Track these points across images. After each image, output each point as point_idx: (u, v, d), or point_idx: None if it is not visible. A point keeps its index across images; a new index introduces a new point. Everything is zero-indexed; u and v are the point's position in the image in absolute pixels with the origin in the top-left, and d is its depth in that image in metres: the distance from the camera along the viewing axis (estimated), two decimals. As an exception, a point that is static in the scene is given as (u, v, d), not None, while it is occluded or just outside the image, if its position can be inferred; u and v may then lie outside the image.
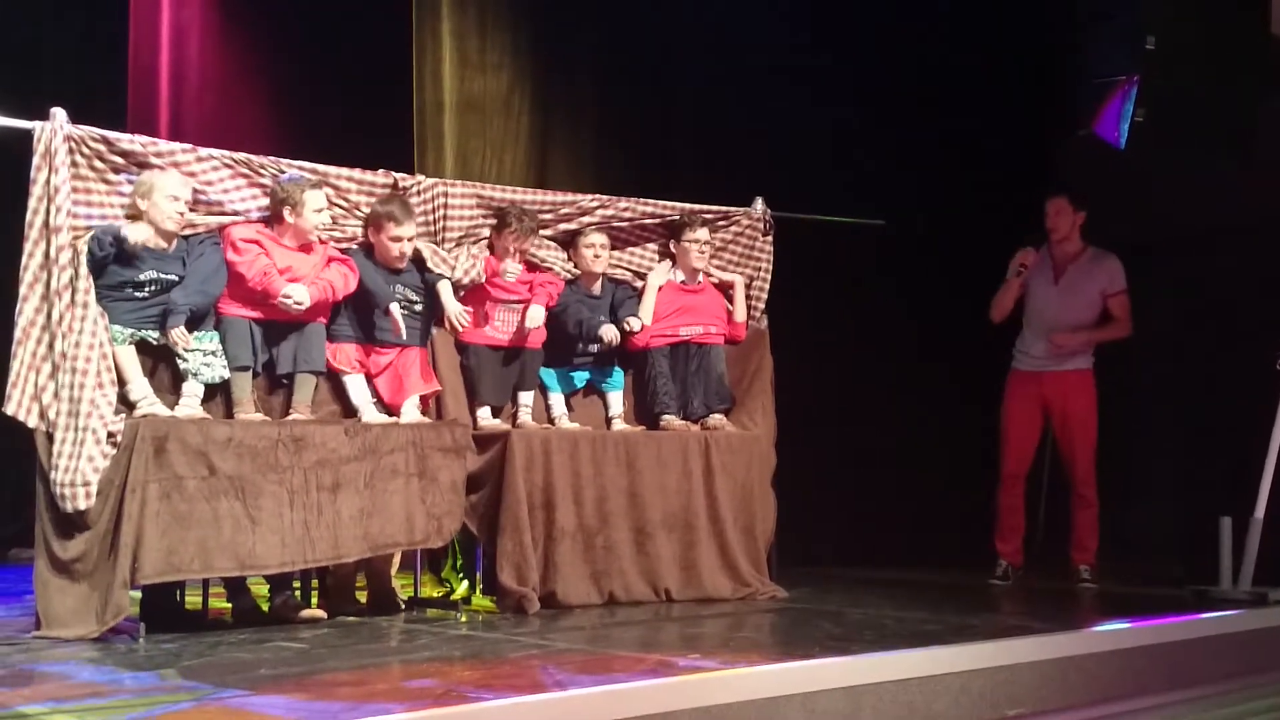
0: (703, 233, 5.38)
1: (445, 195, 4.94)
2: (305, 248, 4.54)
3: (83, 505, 3.96)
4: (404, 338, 4.67)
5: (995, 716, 3.57)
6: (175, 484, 3.98)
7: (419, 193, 4.88)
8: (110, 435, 4.02)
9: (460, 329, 4.85)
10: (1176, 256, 6.20)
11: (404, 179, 4.87)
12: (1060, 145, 6.85)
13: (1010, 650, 3.71)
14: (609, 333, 5.12)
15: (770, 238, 5.64)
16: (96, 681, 3.20)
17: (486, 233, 5.02)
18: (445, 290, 4.81)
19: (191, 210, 4.37)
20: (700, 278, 5.45)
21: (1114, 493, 5.95)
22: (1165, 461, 6.47)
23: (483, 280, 4.94)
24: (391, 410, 4.68)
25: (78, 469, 3.96)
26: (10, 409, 4.05)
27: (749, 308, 5.58)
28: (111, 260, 4.17)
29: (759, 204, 5.64)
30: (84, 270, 4.13)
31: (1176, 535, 6.07)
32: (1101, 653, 3.93)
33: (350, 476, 4.30)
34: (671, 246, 5.43)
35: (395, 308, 4.63)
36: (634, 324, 5.20)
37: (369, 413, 4.61)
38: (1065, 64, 6.86)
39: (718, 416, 5.31)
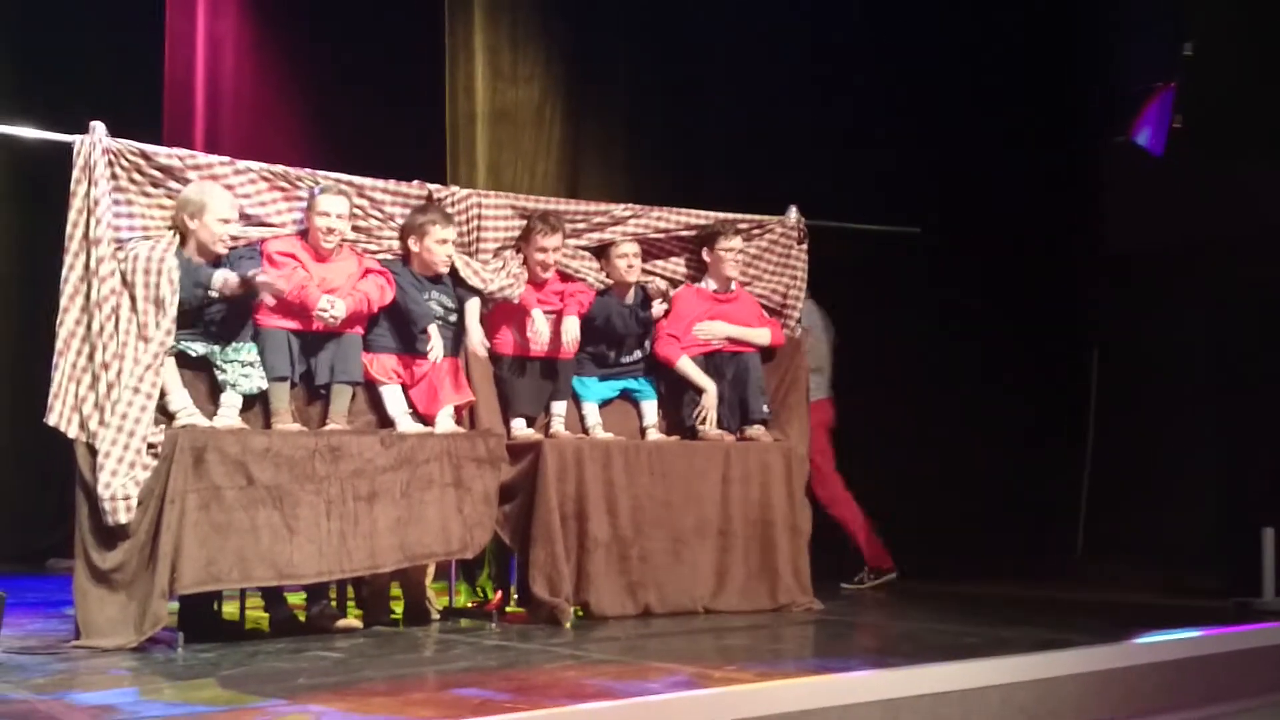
0: (736, 241, 5.35)
1: (479, 206, 4.95)
2: (326, 258, 4.53)
3: (124, 519, 3.99)
4: (439, 358, 4.68)
5: (1035, 730, 3.54)
6: (214, 494, 4.01)
7: (453, 204, 4.89)
8: (150, 446, 4.06)
9: (480, 356, 4.85)
10: (1216, 261, 6.14)
11: (438, 190, 4.89)
12: (1099, 151, 6.80)
13: (1051, 663, 3.68)
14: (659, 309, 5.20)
15: (805, 246, 5.60)
16: (135, 691, 3.22)
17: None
18: (472, 312, 4.82)
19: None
20: (733, 285, 5.41)
21: (1155, 502, 5.90)
22: (1206, 471, 6.39)
23: (517, 301, 4.94)
24: (426, 420, 4.69)
25: (120, 483, 3.99)
26: (52, 420, 4.09)
27: (784, 317, 5.56)
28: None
29: (793, 212, 5.61)
30: (127, 281, 4.18)
31: (1218, 547, 5.99)
32: (1143, 665, 3.88)
33: (386, 486, 4.31)
34: (704, 255, 5.40)
35: (434, 329, 4.64)
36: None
37: (405, 423, 4.62)
38: (1104, 70, 6.81)
39: (756, 428, 5.26)
